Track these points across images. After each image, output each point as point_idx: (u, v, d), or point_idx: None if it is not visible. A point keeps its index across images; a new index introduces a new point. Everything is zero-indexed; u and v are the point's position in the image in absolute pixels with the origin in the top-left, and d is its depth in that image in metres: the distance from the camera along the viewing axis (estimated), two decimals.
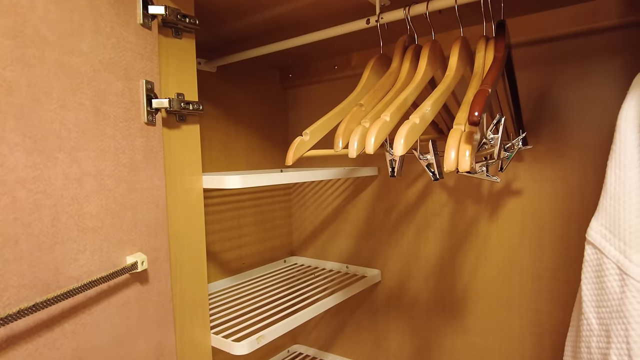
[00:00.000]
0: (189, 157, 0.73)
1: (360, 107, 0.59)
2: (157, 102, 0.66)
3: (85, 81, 0.52)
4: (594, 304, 0.42)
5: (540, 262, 0.90)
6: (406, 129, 0.50)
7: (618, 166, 0.39)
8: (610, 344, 0.40)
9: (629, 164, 0.38)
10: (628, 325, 0.38)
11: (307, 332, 1.31)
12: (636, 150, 0.38)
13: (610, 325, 0.40)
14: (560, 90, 0.85)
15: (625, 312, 0.39)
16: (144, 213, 0.62)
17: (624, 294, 0.39)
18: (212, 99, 1.08)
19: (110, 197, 0.56)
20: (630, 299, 0.38)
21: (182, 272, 0.71)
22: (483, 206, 0.96)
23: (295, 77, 1.24)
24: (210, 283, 1.05)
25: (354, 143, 0.54)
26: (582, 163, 0.84)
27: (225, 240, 1.10)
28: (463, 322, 1.02)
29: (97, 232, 0.53)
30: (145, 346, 0.61)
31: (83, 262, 0.51)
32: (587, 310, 0.43)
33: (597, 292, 0.42)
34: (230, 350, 0.74)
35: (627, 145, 0.38)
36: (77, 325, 0.50)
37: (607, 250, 0.40)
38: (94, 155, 0.53)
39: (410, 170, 1.07)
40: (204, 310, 0.75)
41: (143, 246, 0.61)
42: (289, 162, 0.60)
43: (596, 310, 0.42)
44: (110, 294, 0.55)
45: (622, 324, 0.39)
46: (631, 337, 0.38)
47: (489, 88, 0.48)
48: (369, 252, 1.16)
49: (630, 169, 0.38)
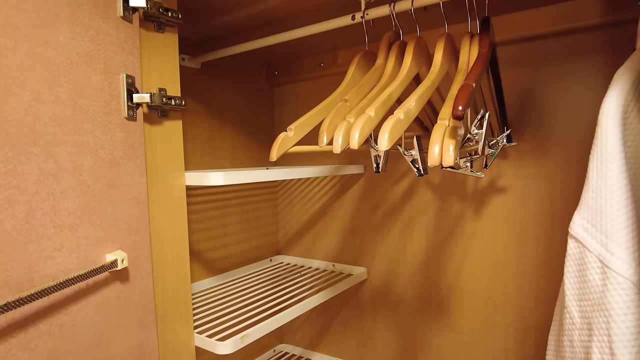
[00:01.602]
0: (171, 153, 0.72)
1: (345, 103, 0.59)
2: (138, 97, 0.64)
3: (62, 74, 0.50)
4: (576, 298, 0.43)
5: (524, 258, 0.91)
6: (390, 124, 0.50)
7: (600, 160, 0.39)
8: (592, 336, 0.40)
9: (610, 158, 0.38)
10: (609, 317, 0.39)
11: (293, 332, 1.30)
12: (617, 144, 0.38)
13: (592, 318, 0.40)
14: (544, 89, 0.86)
15: (606, 304, 0.39)
16: (124, 210, 0.60)
17: (605, 287, 0.39)
18: (196, 95, 1.06)
19: (88, 194, 0.54)
20: (612, 291, 0.39)
21: (164, 271, 0.69)
22: (468, 204, 0.97)
23: (281, 74, 1.23)
24: (194, 282, 1.04)
25: (338, 138, 0.53)
26: (565, 160, 0.85)
27: (210, 239, 1.09)
28: (448, 319, 1.02)
29: (74, 229, 0.52)
30: (126, 346, 0.60)
31: (59, 260, 0.50)
32: (569, 304, 0.43)
33: (579, 286, 0.42)
34: (214, 350, 0.73)
35: (609, 139, 0.38)
36: (52, 326, 0.49)
37: (590, 243, 0.40)
38: (71, 150, 0.52)
39: (396, 168, 1.07)
40: (187, 309, 0.74)
41: (123, 244, 0.60)
42: (273, 157, 0.59)
43: (578, 304, 0.42)
44: (88, 293, 0.54)
45: (604, 316, 0.39)
46: (612, 330, 0.39)
47: (473, 83, 0.48)
48: (355, 250, 1.16)
49: (611, 162, 0.38)
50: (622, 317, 0.38)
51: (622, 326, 0.38)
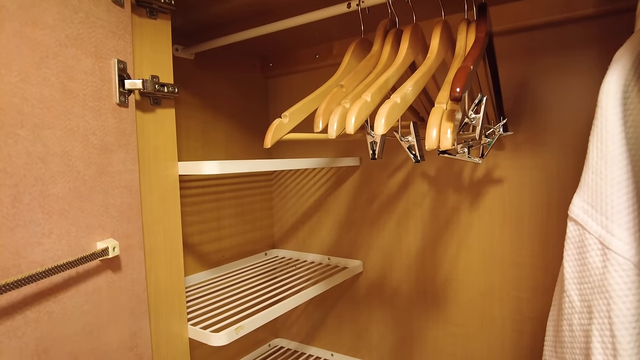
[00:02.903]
0: (164, 142, 0.71)
1: (341, 88, 0.58)
2: (130, 83, 0.63)
3: (51, 55, 0.49)
4: (575, 281, 0.42)
5: (520, 249, 0.90)
6: (387, 108, 0.49)
7: (600, 140, 0.39)
8: (592, 319, 0.40)
9: (610, 138, 0.38)
10: (610, 299, 0.38)
11: (289, 326, 1.30)
12: (618, 124, 0.37)
13: (592, 301, 0.40)
14: (540, 80, 0.86)
15: (607, 286, 0.38)
16: (115, 198, 0.59)
17: (605, 268, 0.39)
18: (190, 87, 1.05)
19: (78, 179, 0.53)
20: (612, 273, 0.38)
21: (157, 261, 0.68)
22: (464, 195, 0.96)
23: (276, 66, 1.22)
24: (188, 276, 1.03)
25: (333, 123, 0.52)
26: (561, 151, 0.85)
27: (204, 232, 1.08)
28: (444, 311, 1.02)
29: (64, 215, 0.50)
30: (118, 337, 0.59)
31: (48, 247, 0.48)
32: (569, 288, 0.42)
33: (579, 269, 0.42)
34: (208, 341, 0.72)
35: (609, 119, 0.38)
36: (41, 314, 0.47)
37: (589, 225, 0.40)
38: (60, 134, 0.50)
39: (392, 160, 1.06)
40: (180, 300, 0.73)
41: (115, 232, 0.59)
42: (268, 144, 0.58)
43: (578, 287, 0.42)
44: (79, 281, 0.52)
45: (604, 299, 0.39)
46: (613, 312, 0.38)
47: (471, 65, 0.47)
48: (351, 243, 1.15)
49: (612, 142, 0.38)
50: (623, 298, 0.38)
51: (623, 307, 0.37)
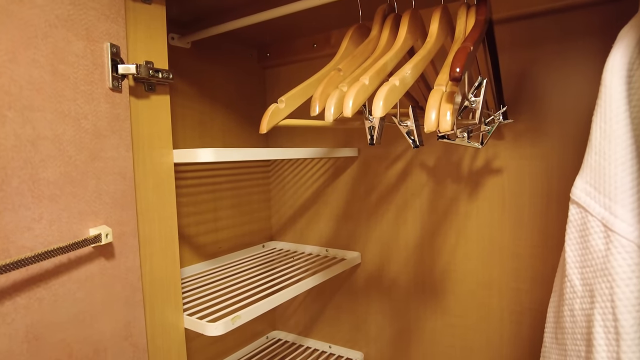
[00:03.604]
0: (159, 129, 0.69)
1: (338, 72, 0.57)
2: (124, 68, 0.62)
3: (40, 36, 0.48)
4: (577, 265, 0.41)
5: (519, 240, 0.90)
6: (385, 90, 0.48)
7: (603, 120, 0.38)
8: (594, 304, 0.39)
9: (614, 117, 0.37)
10: (613, 282, 0.37)
11: (286, 318, 1.29)
12: (622, 102, 0.36)
13: (595, 284, 0.39)
14: (540, 69, 0.85)
15: (610, 269, 0.38)
16: (109, 184, 0.58)
17: (608, 251, 0.38)
18: (186, 76, 1.03)
19: (70, 164, 0.52)
20: (615, 255, 0.37)
21: (152, 250, 0.67)
22: (463, 185, 0.95)
23: (273, 56, 1.20)
24: (184, 267, 1.02)
25: (330, 107, 0.51)
26: (561, 141, 0.84)
27: (201, 223, 1.07)
28: (443, 303, 1.01)
29: (55, 200, 0.49)
30: (112, 325, 0.58)
31: (38, 232, 0.47)
32: (570, 272, 0.41)
33: (581, 252, 0.41)
34: (204, 331, 0.71)
35: (613, 97, 0.37)
36: (31, 300, 0.46)
37: (592, 207, 0.39)
38: (51, 117, 0.49)
39: (390, 151, 1.05)
40: (176, 290, 0.72)
41: (108, 219, 0.58)
42: (263, 130, 0.57)
43: (580, 271, 0.41)
44: (70, 268, 0.51)
45: (607, 281, 0.38)
46: (616, 295, 0.37)
47: (471, 45, 0.46)
48: (349, 234, 1.14)
49: (616, 122, 0.37)
50: (627, 281, 0.37)
51: (626, 290, 0.37)
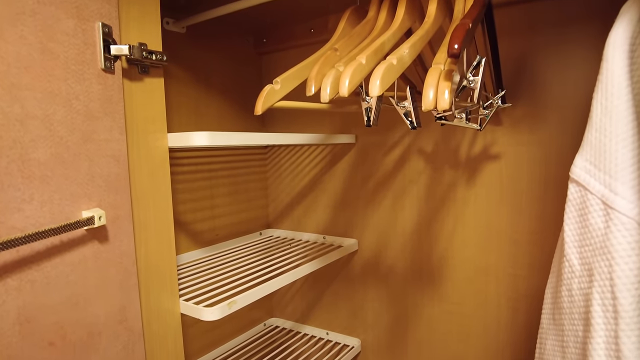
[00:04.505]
0: (153, 112, 0.68)
1: (335, 52, 0.56)
2: (116, 49, 0.60)
3: (27, 12, 0.47)
4: (576, 244, 0.41)
5: (517, 226, 0.89)
6: (383, 68, 0.47)
7: (604, 96, 0.37)
8: (592, 282, 0.38)
9: (616, 93, 0.36)
10: (612, 260, 0.37)
11: (284, 305, 1.29)
12: (624, 78, 0.36)
13: (594, 263, 0.39)
14: (539, 55, 0.84)
15: (609, 247, 0.37)
16: (102, 167, 0.57)
17: (608, 229, 0.37)
18: (182, 62, 1.02)
19: (61, 145, 0.51)
20: (615, 233, 0.37)
21: (147, 235, 0.67)
22: (461, 172, 0.95)
23: (270, 42, 1.19)
24: (181, 254, 1.01)
25: (326, 87, 0.50)
26: (560, 127, 0.83)
27: (197, 210, 1.06)
28: (440, 289, 1.01)
29: (46, 181, 0.48)
30: (106, 309, 0.57)
31: (29, 213, 0.46)
32: (569, 252, 0.41)
33: (580, 232, 0.40)
34: (201, 316, 0.71)
35: (615, 73, 0.36)
36: (22, 282, 0.46)
37: (592, 185, 0.38)
38: (40, 96, 0.48)
39: (388, 137, 1.04)
40: (172, 275, 0.72)
41: (101, 202, 0.57)
42: (258, 111, 0.56)
43: (578, 251, 0.41)
44: (63, 251, 0.51)
45: (606, 259, 0.37)
46: (615, 273, 0.37)
47: (470, 23, 0.45)
48: (346, 222, 1.14)
49: (617, 97, 0.36)
50: (626, 259, 0.36)
51: (626, 268, 0.36)
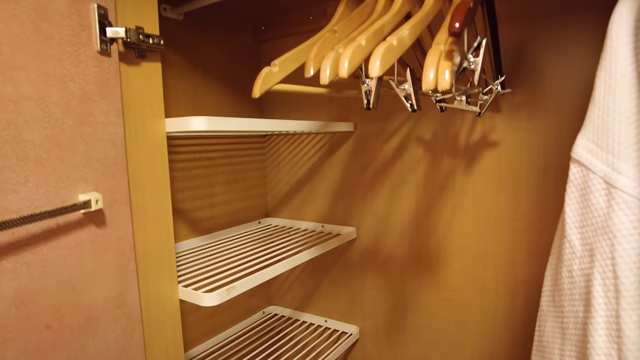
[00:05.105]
0: (150, 97, 0.68)
1: (334, 34, 0.55)
2: (112, 31, 0.60)
3: None
4: (577, 225, 0.40)
5: (515, 213, 0.89)
6: (383, 49, 0.46)
7: (608, 74, 0.36)
8: (593, 262, 0.38)
9: (620, 71, 0.36)
10: (614, 240, 0.37)
11: (283, 293, 1.29)
12: (629, 55, 0.35)
13: (595, 243, 0.38)
14: (539, 42, 0.83)
15: (611, 226, 0.37)
16: (99, 150, 0.56)
17: (610, 208, 0.37)
18: (179, 49, 1.01)
19: (57, 127, 0.50)
20: (617, 212, 0.36)
21: (145, 220, 0.66)
22: (459, 159, 0.94)
23: (268, 29, 1.18)
24: (180, 242, 1.01)
25: (326, 68, 0.50)
26: (559, 114, 0.82)
27: (196, 198, 1.06)
28: (438, 277, 1.01)
29: (41, 163, 0.48)
30: (104, 293, 0.57)
31: (24, 195, 0.46)
32: (570, 233, 0.41)
33: (581, 212, 0.40)
34: (199, 302, 0.71)
35: (619, 51, 0.35)
36: (18, 264, 0.45)
37: (594, 165, 0.38)
38: (34, 77, 0.47)
39: (387, 125, 1.03)
40: (170, 261, 0.71)
41: (99, 186, 0.56)
42: (256, 94, 0.55)
43: (580, 231, 0.40)
44: (59, 234, 0.50)
45: (608, 239, 0.37)
46: (617, 252, 0.36)
47: (471, 2, 0.44)
48: (345, 210, 1.14)
49: (621, 75, 0.35)
50: (628, 237, 0.36)
51: (628, 247, 0.36)
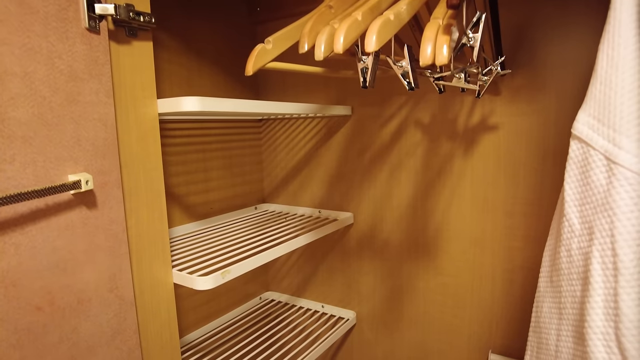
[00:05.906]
0: (142, 77, 0.66)
1: (330, 9, 0.54)
2: (101, 8, 0.58)
3: None
4: (577, 202, 0.40)
5: (514, 198, 0.88)
6: (379, 23, 0.45)
7: (611, 46, 0.35)
8: (592, 241, 0.37)
9: (623, 43, 0.34)
10: (614, 217, 0.36)
11: (279, 279, 1.29)
12: (633, 26, 0.34)
13: (594, 221, 0.38)
14: (539, 25, 0.81)
15: (611, 203, 0.36)
16: (88, 130, 0.55)
17: (610, 184, 0.36)
18: (173, 30, 0.98)
19: (44, 105, 0.49)
20: (618, 188, 0.36)
21: (137, 203, 0.65)
22: (458, 143, 0.93)
23: (264, 10, 1.15)
24: (175, 227, 1.00)
25: (320, 44, 0.48)
26: (558, 98, 0.81)
27: (191, 183, 1.04)
28: (435, 262, 1.01)
29: (28, 142, 0.47)
30: (96, 276, 0.56)
31: (11, 174, 0.45)
32: (569, 211, 0.40)
33: (581, 190, 0.39)
34: (194, 285, 0.70)
35: (622, 22, 0.34)
36: (6, 245, 0.44)
37: (595, 141, 0.37)
38: (18, 52, 0.46)
39: (384, 109, 1.02)
40: (164, 244, 0.70)
41: (89, 167, 0.55)
42: (249, 71, 0.54)
43: (579, 209, 0.39)
44: (49, 214, 0.49)
45: (607, 216, 0.36)
46: (616, 229, 0.36)
47: None
48: (342, 196, 1.13)
49: (624, 47, 0.34)
50: (628, 214, 0.35)
51: (627, 224, 0.35)
